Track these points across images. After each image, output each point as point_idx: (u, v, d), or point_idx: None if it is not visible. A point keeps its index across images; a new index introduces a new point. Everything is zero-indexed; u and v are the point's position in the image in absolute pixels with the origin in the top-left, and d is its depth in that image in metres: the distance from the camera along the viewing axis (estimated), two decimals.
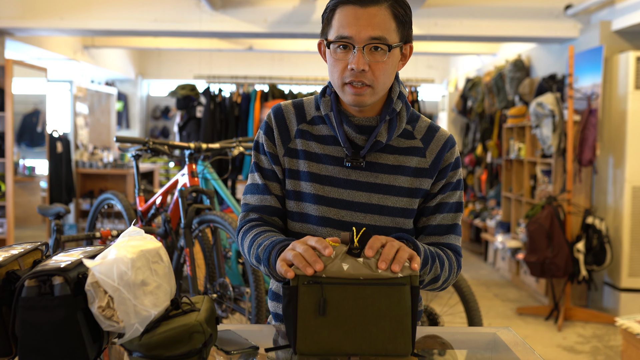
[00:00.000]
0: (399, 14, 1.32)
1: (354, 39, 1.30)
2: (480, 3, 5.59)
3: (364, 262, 1.15)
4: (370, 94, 1.34)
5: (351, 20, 1.29)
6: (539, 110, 5.25)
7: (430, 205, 1.44)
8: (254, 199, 1.46)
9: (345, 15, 1.30)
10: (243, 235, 1.43)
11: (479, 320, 3.00)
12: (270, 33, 5.74)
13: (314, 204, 1.40)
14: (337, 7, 1.32)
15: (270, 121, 1.46)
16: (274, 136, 1.44)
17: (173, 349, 1.06)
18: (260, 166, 1.47)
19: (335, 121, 1.39)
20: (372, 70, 1.31)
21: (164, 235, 3.23)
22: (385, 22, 1.30)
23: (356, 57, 1.29)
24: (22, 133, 6.48)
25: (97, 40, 7.81)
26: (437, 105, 9.84)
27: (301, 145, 1.42)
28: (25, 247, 1.17)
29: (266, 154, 1.45)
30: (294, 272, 1.14)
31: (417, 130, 1.44)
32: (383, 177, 1.40)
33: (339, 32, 1.31)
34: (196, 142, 3.23)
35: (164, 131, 10.50)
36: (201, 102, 6.12)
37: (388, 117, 1.39)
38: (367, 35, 1.29)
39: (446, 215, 1.44)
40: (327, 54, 1.36)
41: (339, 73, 1.34)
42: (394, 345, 1.13)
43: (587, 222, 4.96)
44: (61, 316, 1.02)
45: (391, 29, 1.31)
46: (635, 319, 3.43)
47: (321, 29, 1.39)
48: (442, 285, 1.42)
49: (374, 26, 1.29)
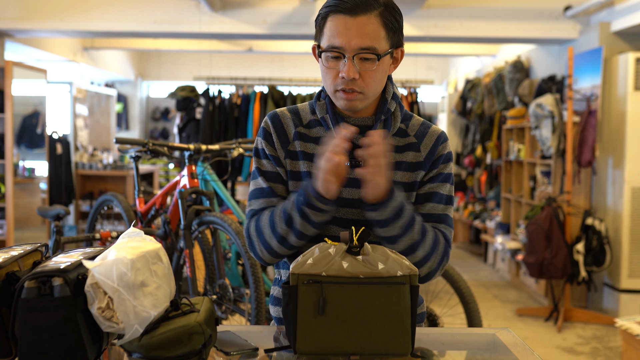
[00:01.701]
0: (389, 22, 1.34)
1: (344, 49, 1.33)
2: (480, 4, 5.60)
3: (363, 260, 1.16)
4: (362, 99, 1.38)
5: (341, 30, 1.32)
6: (538, 111, 5.25)
7: (420, 193, 1.46)
8: (258, 202, 1.46)
9: (335, 24, 1.33)
10: (256, 224, 1.43)
11: (479, 321, 3.00)
12: (269, 34, 5.74)
13: None
14: (329, 15, 1.35)
15: (268, 127, 1.48)
16: (273, 140, 1.47)
17: (173, 349, 1.06)
18: (262, 170, 1.48)
19: (332, 123, 1.43)
20: (363, 78, 1.35)
21: (163, 237, 3.23)
22: (375, 31, 1.33)
23: (347, 66, 1.33)
24: (22, 134, 6.49)
25: (97, 41, 7.82)
26: (436, 106, 9.85)
27: (300, 146, 1.45)
28: (25, 248, 1.17)
29: (268, 157, 1.47)
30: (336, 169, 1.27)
31: (411, 128, 1.48)
32: None
33: (329, 42, 1.34)
34: (196, 144, 3.23)
35: (163, 132, 10.50)
36: (201, 104, 6.12)
37: (383, 117, 1.43)
38: (357, 46, 1.32)
39: (436, 205, 1.45)
40: (319, 61, 1.40)
41: (331, 80, 1.38)
42: (393, 344, 1.14)
43: (586, 223, 4.96)
44: (61, 317, 1.02)
45: (381, 37, 1.34)
46: (635, 320, 3.43)
47: (315, 34, 1.42)
48: (423, 261, 1.37)
49: (364, 36, 1.32)
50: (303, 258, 1.18)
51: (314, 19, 1.40)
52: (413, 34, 5.63)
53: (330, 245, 1.18)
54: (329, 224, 1.42)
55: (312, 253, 1.18)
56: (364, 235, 1.17)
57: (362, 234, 1.17)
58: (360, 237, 1.17)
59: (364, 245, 1.17)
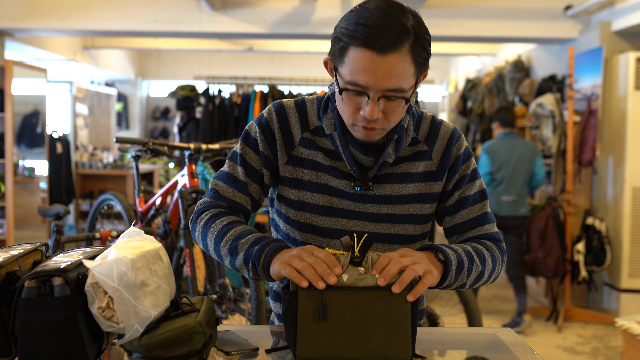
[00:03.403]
0: (420, 56, 1.20)
1: (370, 89, 1.19)
2: (480, 4, 5.60)
3: (364, 272, 1.14)
4: (381, 133, 1.28)
5: (368, 68, 1.17)
6: (539, 110, 5.25)
7: (450, 203, 1.39)
8: (228, 190, 1.37)
9: (361, 60, 1.17)
10: (210, 219, 1.33)
11: (479, 320, 3.00)
12: (270, 34, 5.74)
13: (322, 215, 1.36)
14: (352, 46, 1.18)
15: (272, 122, 1.37)
16: (275, 142, 1.37)
17: (173, 349, 1.06)
18: (246, 161, 1.38)
19: (340, 142, 1.32)
20: (386, 116, 1.24)
21: (163, 236, 3.23)
22: (404, 71, 1.18)
23: (370, 106, 1.20)
24: (22, 134, 6.48)
25: (97, 41, 7.82)
26: (437, 105, 9.85)
27: (307, 154, 1.36)
28: (25, 247, 1.17)
29: (259, 153, 1.37)
30: (303, 282, 1.10)
31: (421, 133, 1.38)
32: (392, 187, 1.36)
33: (353, 77, 1.19)
34: (196, 143, 3.23)
35: (163, 132, 10.50)
36: (201, 103, 6.12)
37: (396, 136, 1.33)
38: (384, 87, 1.18)
39: (472, 208, 1.39)
40: (337, 89, 1.26)
41: (349, 114, 1.26)
42: (394, 350, 1.13)
43: (587, 223, 4.96)
44: (61, 317, 1.02)
45: (409, 75, 1.20)
46: (636, 320, 3.43)
47: (330, 50, 1.26)
48: (490, 278, 1.35)
49: (392, 77, 1.18)
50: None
51: (315, 18, 1.34)
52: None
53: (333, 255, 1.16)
54: (338, 237, 1.35)
55: None
56: (366, 244, 1.14)
57: (364, 242, 1.14)
58: (362, 247, 1.15)
59: (365, 255, 1.16)
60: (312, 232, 1.37)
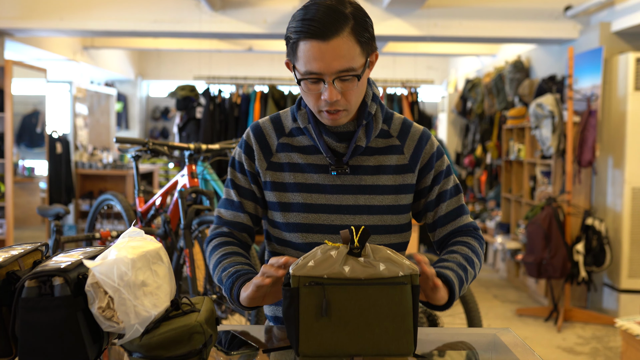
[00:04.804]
0: (362, 36, 1.32)
1: (323, 74, 1.31)
2: (480, 4, 5.60)
3: (364, 262, 1.15)
4: (346, 115, 1.39)
5: (317, 56, 1.29)
6: (538, 111, 5.25)
7: (431, 198, 1.50)
8: (227, 214, 1.53)
9: (310, 50, 1.29)
10: (212, 250, 1.50)
11: (479, 321, 3.00)
12: (270, 34, 5.74)
13: (304, 212, 1.44)
14: (300, 40, 1.31)
15: (250, 140, 1.50)
16: (254, 154, 1.49)
17: (173, 349, 1.06)
18: (236, 184, 1.52)
19: (315, 133, 1.43)
20: (345, 96, 1.34)
21: (163, 236, 3.23)
22: (349, 51, 1.30)
23: (328, 90, 1.32)
24: (22, 134, 6.48)
25: (97, 40, 7.81)
26: (436, 106, 9.84)
27: (284, 158, 1.47)
28: (25, 247, 1.17)
29: (245, 172, 1.50)
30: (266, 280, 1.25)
31: (393, 128, 1.49)
32: (367, 178, 1.44)
33: (307, 67, 1.31)
34: (196, 143, 3.23)
35: (163, 132, 10.50)
36: (201, 103, 6.12)
37: (365, 122, 1.43)
38: (335, 69, 1.30)
39: (450, 201, 1.51)
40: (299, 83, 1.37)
41: (313, 102, 1.37)
42: (397, 344, 1.13)
43: (586, 223, 4.96)
44: (61, 317, 1.02)
45: (356, 55, 1.31)
46: (635, 320, 3.43)
47: (287, 51, 1.38)
48: (478, 273, 1.50)
49: (340, 59, 1.29)
50: (304, 260, 1.16)
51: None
52: (413, 34, 5.63)
53: (332, 248, 1.17)
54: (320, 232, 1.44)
55: (314, 255, 1.17)
56: (364, 235, 1.17)
57: (362, 234, 1.17)
58: (360, 238, 1.16)
59: (364, 246, 1.16)
60: (297, 230, 1.45)
